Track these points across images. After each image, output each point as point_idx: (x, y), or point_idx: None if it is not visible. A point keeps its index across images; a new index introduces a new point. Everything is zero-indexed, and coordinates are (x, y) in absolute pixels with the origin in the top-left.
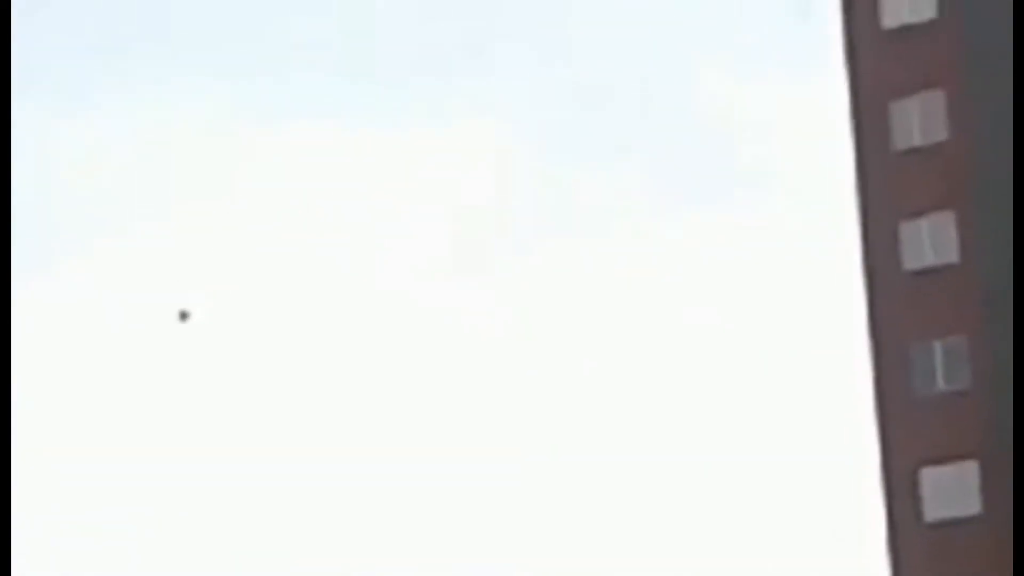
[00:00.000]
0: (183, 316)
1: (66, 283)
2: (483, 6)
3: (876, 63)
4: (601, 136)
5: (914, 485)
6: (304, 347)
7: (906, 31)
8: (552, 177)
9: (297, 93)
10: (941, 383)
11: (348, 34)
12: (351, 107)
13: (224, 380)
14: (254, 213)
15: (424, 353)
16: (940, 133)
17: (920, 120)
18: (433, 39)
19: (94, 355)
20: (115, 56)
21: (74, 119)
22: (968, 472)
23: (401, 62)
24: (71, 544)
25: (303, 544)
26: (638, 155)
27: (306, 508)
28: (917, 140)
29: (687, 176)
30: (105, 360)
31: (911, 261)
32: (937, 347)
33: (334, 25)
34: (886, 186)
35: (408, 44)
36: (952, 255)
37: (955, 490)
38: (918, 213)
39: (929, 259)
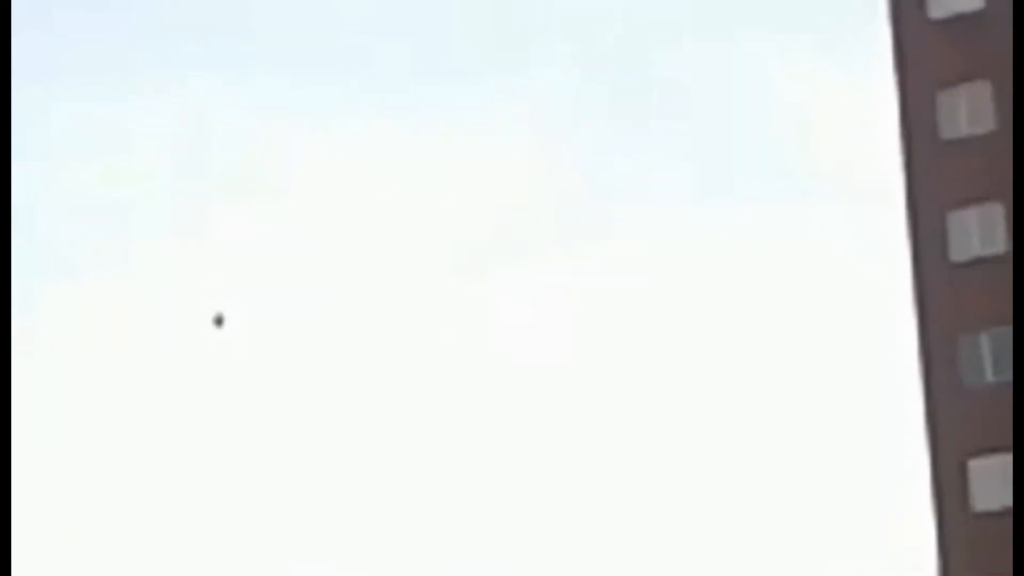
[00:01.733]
0: (218, 321)
1: (101, 285)
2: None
3: (924, 53)
4: (646, 127)
5: (962, 476)
6: (344, 344)
7: (954, 21)
8: (598, 169)
9: (340, 93)
10: (989, 374)
11: (387, 34)
12: (393, 105)
13: (260, 381)
14: (294, 213)
15: (464, 345)
16: (987, 123)
17: (967, 110)
18: (481, 31)
19: (123, 355)
20: (159, 51)
21: (116, 110)
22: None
23: (446, 57)
24: (88, 547)
25: (320, 546)
26: (682, 146)
27: (332, 509)
28: (964, 130)
29: (732, 167)
30: (131, 360)
31: (958, 252)
32: (984, 338)
33: (374, 25)
34: (933, 176)
35: (453, 39)
36: (999, 245)
37: (1003, 481)
38: (965, 203)
39: (976, 250)
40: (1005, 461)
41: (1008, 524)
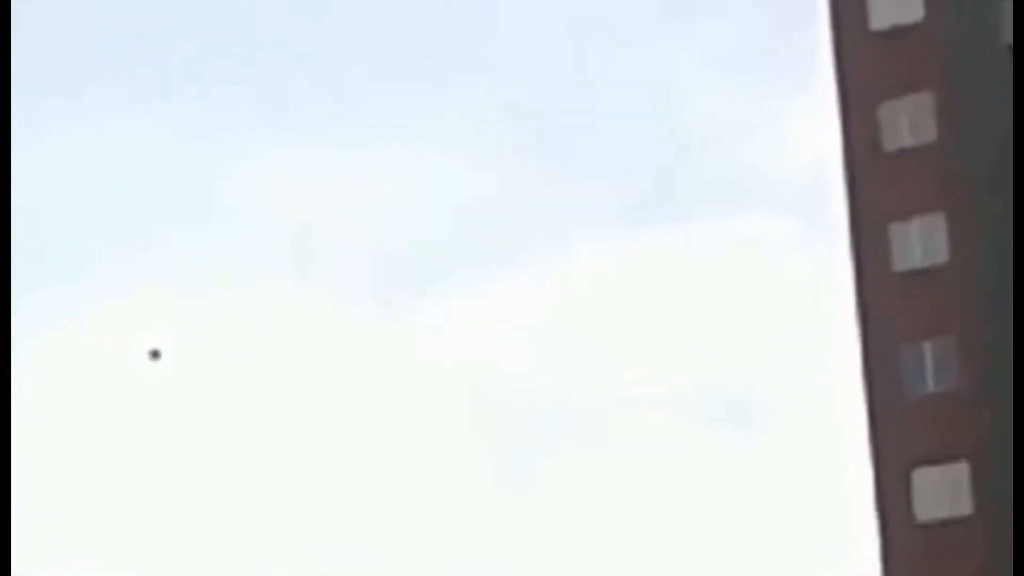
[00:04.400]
0: (154, 355)
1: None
2: (458, 11)
3: (864, 65)
4: (577, 143)
5: (906, 486)
6: (291, 367)
7: (894, 32)
8: (526, 187)
9: (270, 113)
10: (931, 384)
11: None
12: (322, 126)
13: (205, 404)
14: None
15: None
16: (929, 134)
17: (909, 121)
18: (411, 48)
19: (64, 392)
20: (108, 68)
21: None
22: (959, 473)
23: (384, 73)
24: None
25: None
26: (618, 163)
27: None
28: (907, 141)
29: (665, 184)
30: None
31: (901, 262)
32: (927, 348)
33: (302, 47)
34: (876, 188)
35: (388, 54)
36: (942, 256)
37: (946, 491)
38: (908, 214)
39: (919, 260)
40: (948, 471)
41: (951, 535)
